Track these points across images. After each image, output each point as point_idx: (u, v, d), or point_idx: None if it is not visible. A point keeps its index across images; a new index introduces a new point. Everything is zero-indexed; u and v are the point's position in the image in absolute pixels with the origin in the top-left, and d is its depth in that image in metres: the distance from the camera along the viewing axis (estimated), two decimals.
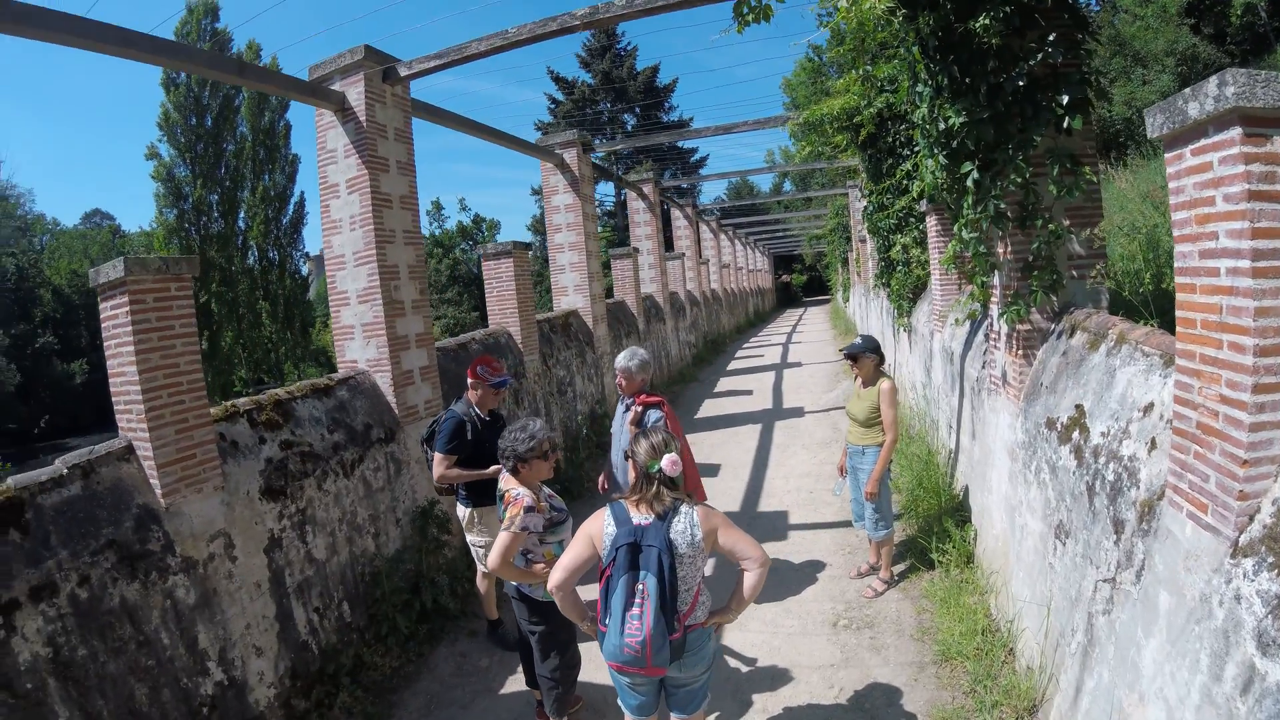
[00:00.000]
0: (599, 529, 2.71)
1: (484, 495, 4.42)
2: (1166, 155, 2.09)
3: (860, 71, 5.13)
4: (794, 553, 5.90)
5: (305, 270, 37.42)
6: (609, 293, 13.32)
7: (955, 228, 3.87)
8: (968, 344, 5.46)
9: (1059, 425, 3.11)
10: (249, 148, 30.57)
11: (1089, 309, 3.55)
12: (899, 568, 5.20)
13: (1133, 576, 2.29)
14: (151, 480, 3.60)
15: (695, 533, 2.63)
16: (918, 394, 8.12)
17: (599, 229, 14.75)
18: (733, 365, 17.93)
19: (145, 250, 31.67)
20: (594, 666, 4.00)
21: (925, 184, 3.98)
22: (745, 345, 22.98)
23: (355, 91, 5.61)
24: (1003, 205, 3.56)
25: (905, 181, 7.35)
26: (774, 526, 6.50)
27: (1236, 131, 1.78)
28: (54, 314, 37.73)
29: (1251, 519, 1.82)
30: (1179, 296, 2.08)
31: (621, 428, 4.81)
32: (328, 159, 5.76)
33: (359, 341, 5.80)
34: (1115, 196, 7.75)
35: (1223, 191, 1.85)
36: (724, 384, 14.95)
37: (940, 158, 3.71)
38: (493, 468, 4.35)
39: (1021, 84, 3.33)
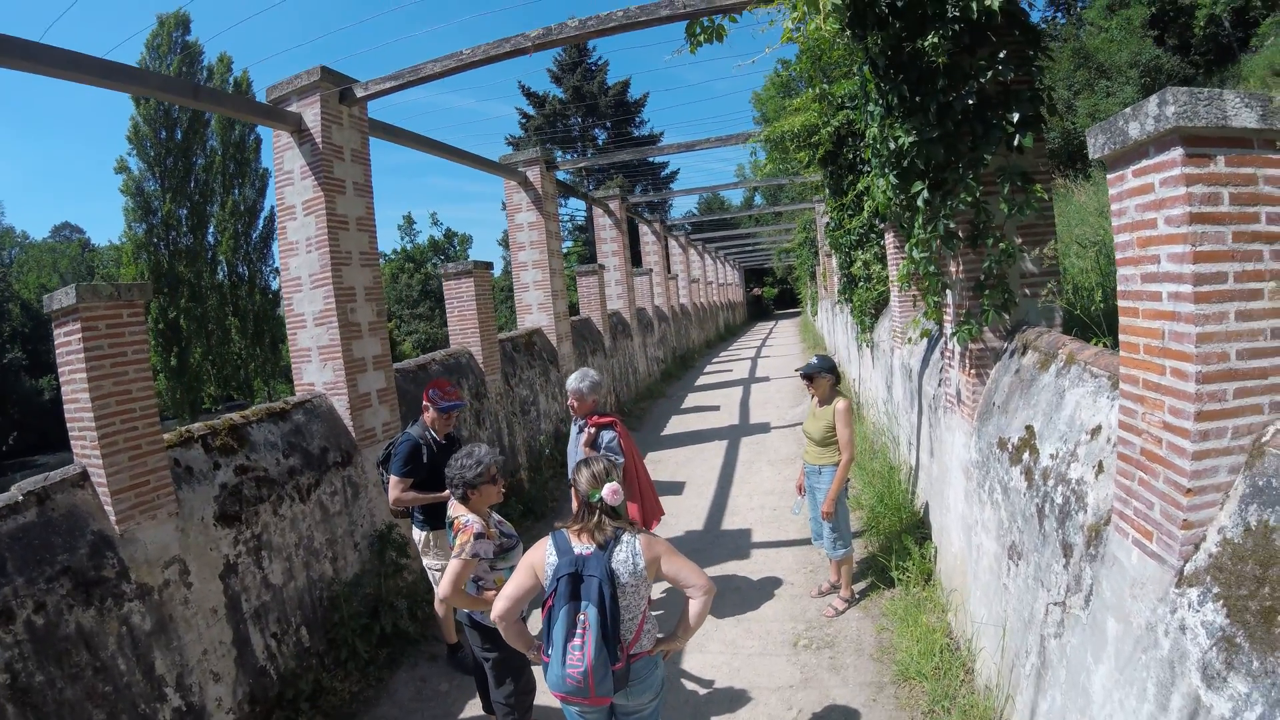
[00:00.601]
0: (541, 559, 2.70)
1: (440, 518, 4.39)
2: (1109, 176, 2.07)
3: (817, 90, 5.17)
4: (756, 571, 5.87)
5: (276, 286, 37.00)
6: (574, 310, 13.28)
7: (906, 247, 3.88)
8: (925, 361, 5.50)
9: (1010, 446, 3.11)
10: (219, 162, 30.31)
11: (1041, 327, 3.58)
12: (860, 585, 5.19)
13: (1081, 601, 2.28)
14: (106, 507, 3.60)
15: (638, 561, 2.62)
16: (880, 410, 8.17)
17: (571, 244, 14.71)
18: (701, 381, 17.94)
19: (115, 264, 30.97)
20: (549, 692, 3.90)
21: (877, 203, 3.99)
22: (714, 360, 23.04)
23: (311, 113, 5.55)
24: (953, 225, 3.58)
25: (863, 199, 7.43)
26: (737, 545, 6.47)
27: (1178, 152, 1.75)
28: (22, 329, 36.98)
29: (1197, 548, 1.80)
30: (1121, 320, 2.07)
31: (576, 449, 4.81)
32: (284, 180, 5.70)
33: (315, 364, 5.72)
34: (1075, 210, 7.90)
35: (1164, 214, 1.82)
36: (692, 399, 14.94)
37: (891, 177, 3.73)
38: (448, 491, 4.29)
39: (971, 102, 3.35)
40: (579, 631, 2.53)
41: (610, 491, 2.66)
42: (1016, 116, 3.33)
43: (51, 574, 3.27)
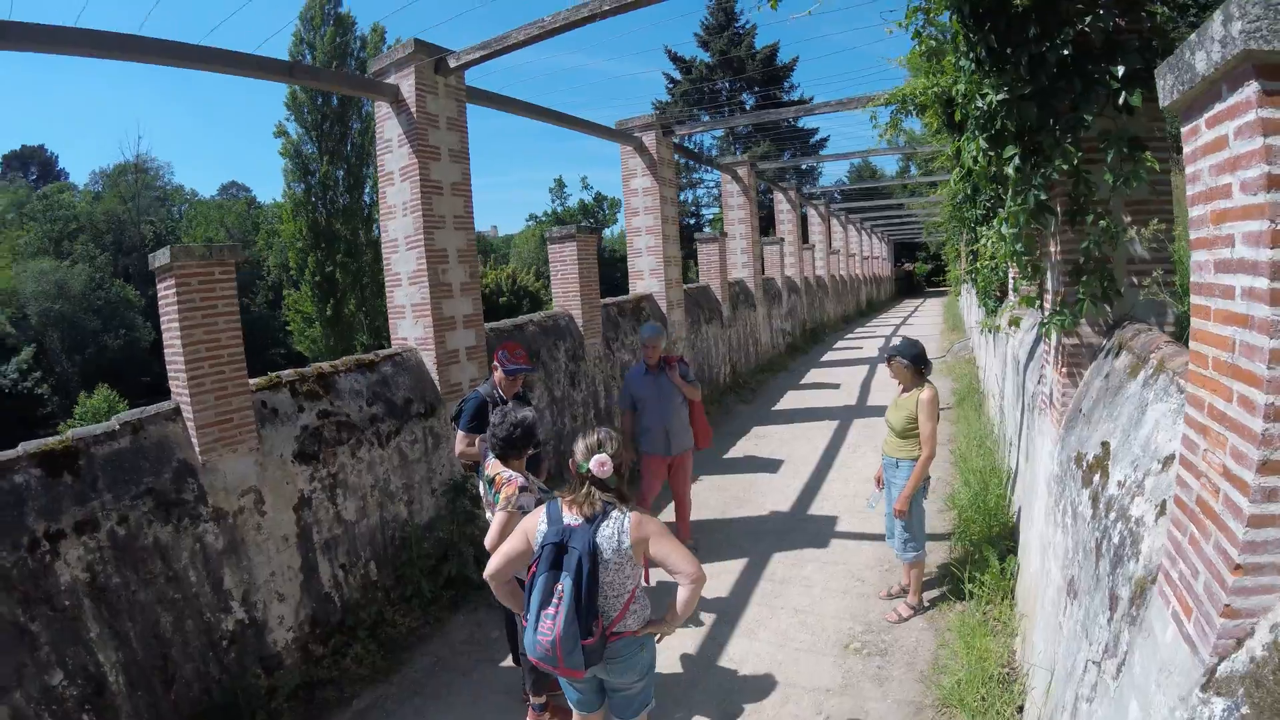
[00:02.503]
0: (533, 525, 2.71)
1: None
2: (1182, 131, 1.59)
3: (924, 47, 4.60)
4: (829, 562, 5.54)
5: None
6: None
7: (995, 222, 3.38)
8: (1030, 353, 4.90)
9: (1085, 463, 2.65)
10: (374, 126, 31.54)
11: (1145, 325, 3.01)
12: (932, 593, 4.76)
13: (1114, 669, 1.88)
14: (192, 439, 4.00)
15: (623, 539, 2.59)
16: (994, 404, 7.46)
17: (715, 212, 14.39)
18: (828, 356, 17.24)
19: (277, 221, 33.40)
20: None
21: (967, 169, 3.50)
22: (848, 335, 22.08)
23: (407, 84, 5.73)
24: (1044, 197, 3.06)
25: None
26: (818, 532, 6.14)
27: (1252, 89, 1.26)
28: None
29: (1239, 644, 1.36)
30: (1193, 323, 1.62)
31: (658, 389, 5.65)
32: (384, 148, 5.95)
33: (409, 321, 5.97)
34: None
35: (1239, 177, 1.34)
36: (813, 375, 14.39)
37: (981, 140, 3.24)
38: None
39: (1067, 53, 2.81)
40: (554, 601, 2.54)
41: (597, 464, 2.63)
42: (1122, 70, 2.77)
43: (137, 493, 3.67)
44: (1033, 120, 3.01)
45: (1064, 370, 3.33)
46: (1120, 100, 2.80)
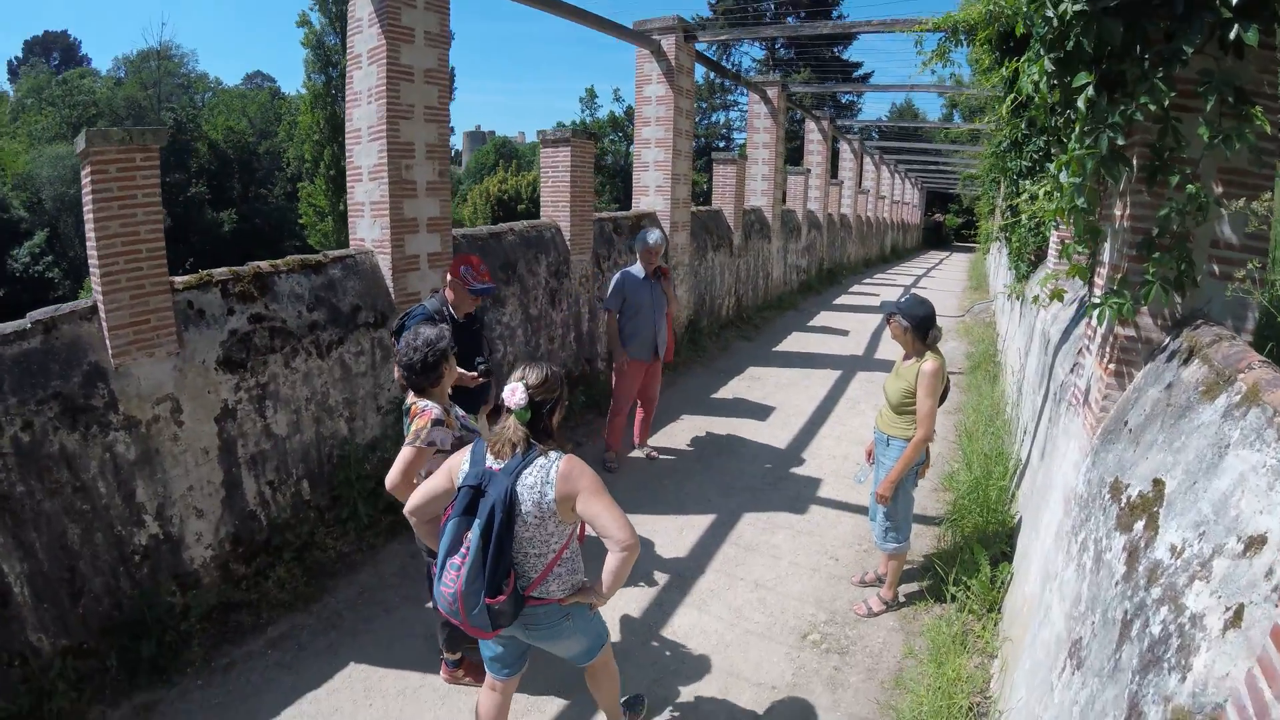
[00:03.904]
0: (458, 464, 2.46)
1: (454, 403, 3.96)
2: None
3: None
4: (803, 531, 5.05)
5: (459, 146, 38.14)
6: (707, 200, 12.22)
7: (1054, 165, 2.66)
8: (1065, 334, 4.22)
9: (1124, 499, 2.05)
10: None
11: (1223, 328, 2.34)
12: (911, 587, 4.26)
13: None
14: (106, 341, 3.67)
15: (546, 491, 2.29)
16: (1012, 379, 6.81)
17: (742, 140, 13.37)
18: (841, 300, 16.45)
19: (299, 113, 32.54)
20: None
21: (1022, 95, 2.77)
22: (865, 280, 21.17)
23: None
24: (1122, 141, 2.36)
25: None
26: (797, 495, 5.62)
27: None
28: (208, 166, 39.88)
29: None
30: None
31: (652, 296, 5.84)
32: (355, 28, 5.19)
33: (367, 220, 5.35)
34: None
35: None
36: (822, 318, 13.69)
37: (1046, 61, 2.50)
38: (466, 373, 3.99)
39: None
40: (462, 550, 2.29)
41: (509, 392, 2.35)
42: None
43: (43, 397, 3.39)
44: (1116, 43, 2.28)
45: (1110, 367, 2.68)
46: (1231, 35, 2.07)
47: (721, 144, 38.70)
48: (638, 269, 5.87)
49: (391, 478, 2.88)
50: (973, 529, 4.43)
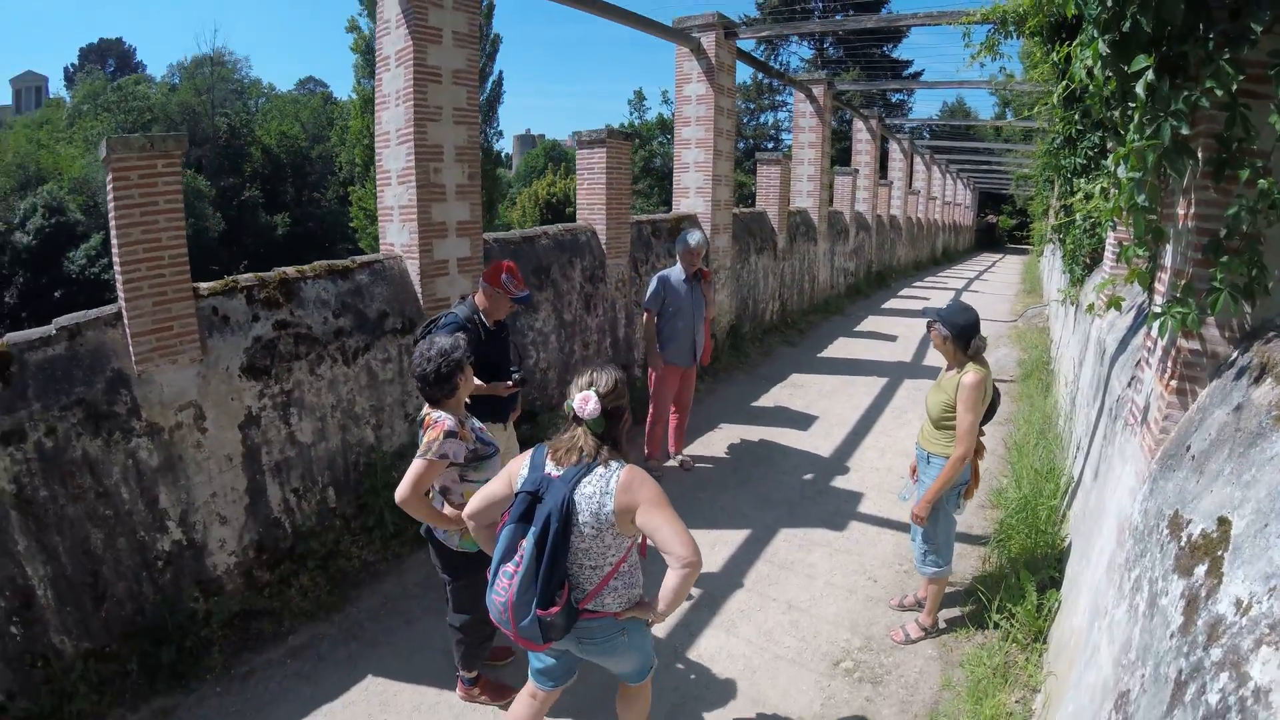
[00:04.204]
0: (517, 469, 2.38)
1: (483, 413, 3.94)
2: None
3: None
4: (841, 550, 4.82)
5: (498, 147, 38.64)
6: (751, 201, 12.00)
7: (1110, 158, 2.41)
8: (1123, 344, 3.91)
9: (1184, 537, 1.81)
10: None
11: None
12: (952, 612, 4.00)
13: None
14: (129, 347, 3.67)
15: (605, 502, 2.20)
16: (1066, 389, 6.44)
17: (791, 140, 13.05)
18: (890, 304, 16.01)
19: (351, 117, 33.31)
20: None
21: (1076, 83, 2.53)
22: (915, 284, 20.60)
23: None
24: (1187, 131, 2.11)
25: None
26: (836, 510, 5.39)
27: None
28: (262, 170, 41.01)
29: None
30: None
31: (692, 299, 5.75)
32: (383, 30, 5.16)
33: (396, 224, 5.31)
34: None
35: None
36: (870, 323, 13.31)
37: (1101, 44, 2.27)
38: (500, 383, 4.00)
39: None
40: (515, 559, 2.22)
41: (580, 401, 2.25)
42: None
43: (67, 403, 3.41)
44: (1178, 21, 2.05)
45: (1171, 384, 2.43)
46: None
47: (770, 145, 38.24)
48: (678, 271, 5.79)
49: (401, 491, 2.80)
50: (1020, 551, 4.16)
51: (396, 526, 4.72)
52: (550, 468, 2.28)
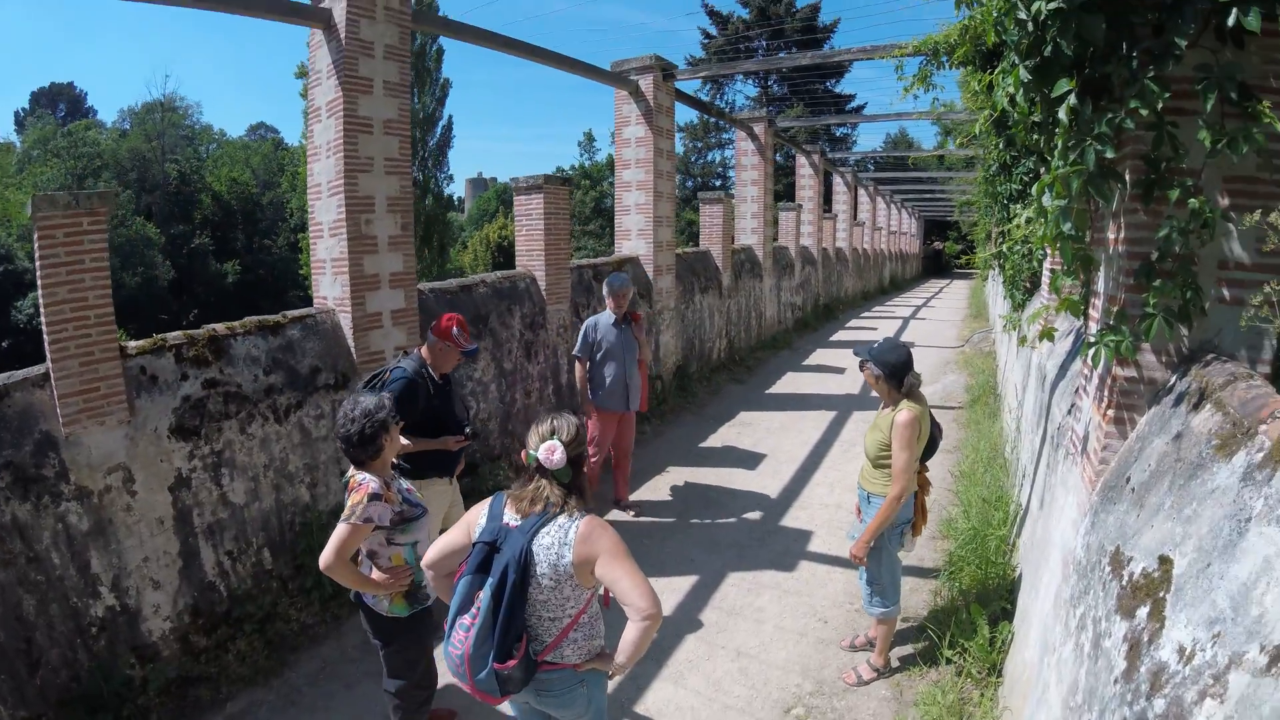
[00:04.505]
0: (475, 518, 2.33)
1: (430, 467, 3.96)
2: None
3: None
4: (791, 591, 4.71)
5: (460, 193, 38.87)
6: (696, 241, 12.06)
7: (1035, 188, 2.41)
8: (1062, 370, 3.93)
9: (1126, 576, 1.76)
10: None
11: (1239, 365, 2.06)
12: (905, 650, 3.91)
13: None
14: (56, 409, 3.62)
15: (563, 553, 2.14)
16: (1011, 416, 6.50)
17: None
18: (838, 335, 16.20)
19: (299, 162, 33.11)
20: None
21: (998, 109, 2.54)
22: (864, 314, 20.94)
23: (340, 6, 4.83)
24: (1111, 154, 2.11)
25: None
26: (786, 550, 5.29)
27: None
28: (212, 217, 40.48)
29: None
30: None
31: (623, 343, 5.67)
32: (315, 80, 5.11)
33: (329, 277, 5.18)
34: None
35: None
36: (818, 356, 13.41)
37: (1022, 70, 2.27)
38: (449, 437, 3.96)
39: None
40: (473, 609, 2.16)
41: (546, 451, 2.20)
42: None
43: None
44: (1099, 42, 2.05)
45: (1109, 412, 2.40)
46: (1230, 22, 1.83)
47: (717, 182, 38.97)
48: (607, 315, 5.74)
49: (326, 557, 2.69)
50: (971, 583, 4.11)
51: (335, 588, 4.56)
52: (509, 517, 2.24)
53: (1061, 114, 2.18)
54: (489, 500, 2.35)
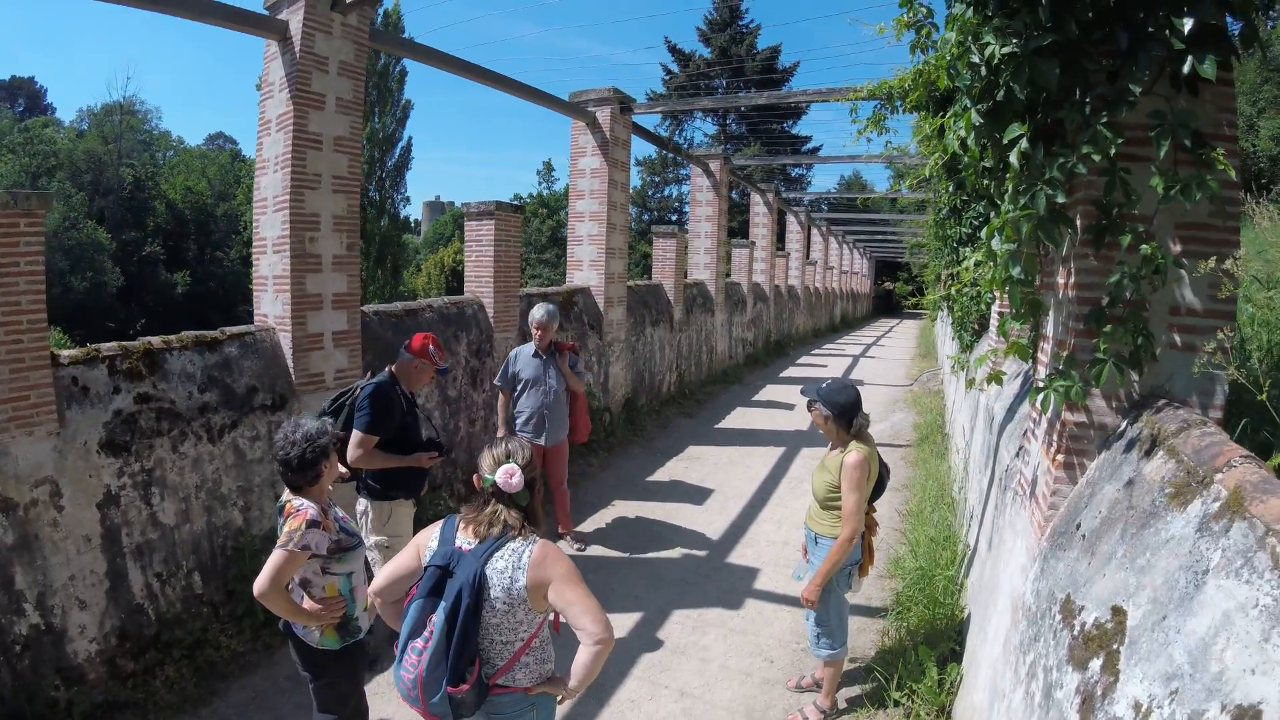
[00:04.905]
0: (425, 541, 2.33)
1: (398, 487, 3.98)
2: None
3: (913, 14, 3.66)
4: (737, 629, 4.62)
5: (405, 212, 38.88)
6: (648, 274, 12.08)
7: (985, 231, 2.41)
8: (1010, 412, 3.98)
9: (1078, 626, 1.73)
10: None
11: (1190, 411, 2.07)
12: (850, 691, 3.85)
13: None
14: None
15: (517, 577, 2.16)
16: (958, 456, 6.58)
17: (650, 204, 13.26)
18: (788, 372, 16.33)
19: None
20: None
21: (949, 153, 2.56)
22: (814, 351, 21.22)
23: (296, 20, 4.75)
24: (1063, 199, 2.12)
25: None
26: (732, 587, 5.20)
27: None
28: (165, 225, 39.64)
29: None
30: None
31: (539, 372, 5.58)
32: (267, 93, 4.99)
33: (270, 294, 5.01)
34: (1251, 240, 5.81)
35: None
36: (768, 392, 13.47)
37: (974, 113, 2.28)
38: (422, 454, 3.96)
39: None
40: (425, 633, 2.15)
41: (504, 475, 2.21)
42: (1190, 26, 1.85)
43: None
44: (1053, 86, 2.06)
45: (1058, 458, 2.40)
46: (1185, 69, 1.87)
47: (674, 217, 39.38)
48: (529, 346, 5.70)
49: (260, 583, 2.61)
50: (919, 623, 4.08)
51: (267, 616, 4.39)
52: (461, 541, 2.24)
53: (1013, 158, 2.19)
54: (439, 524, 2.35)
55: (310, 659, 2.89)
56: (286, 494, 2.83)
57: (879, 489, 3.55)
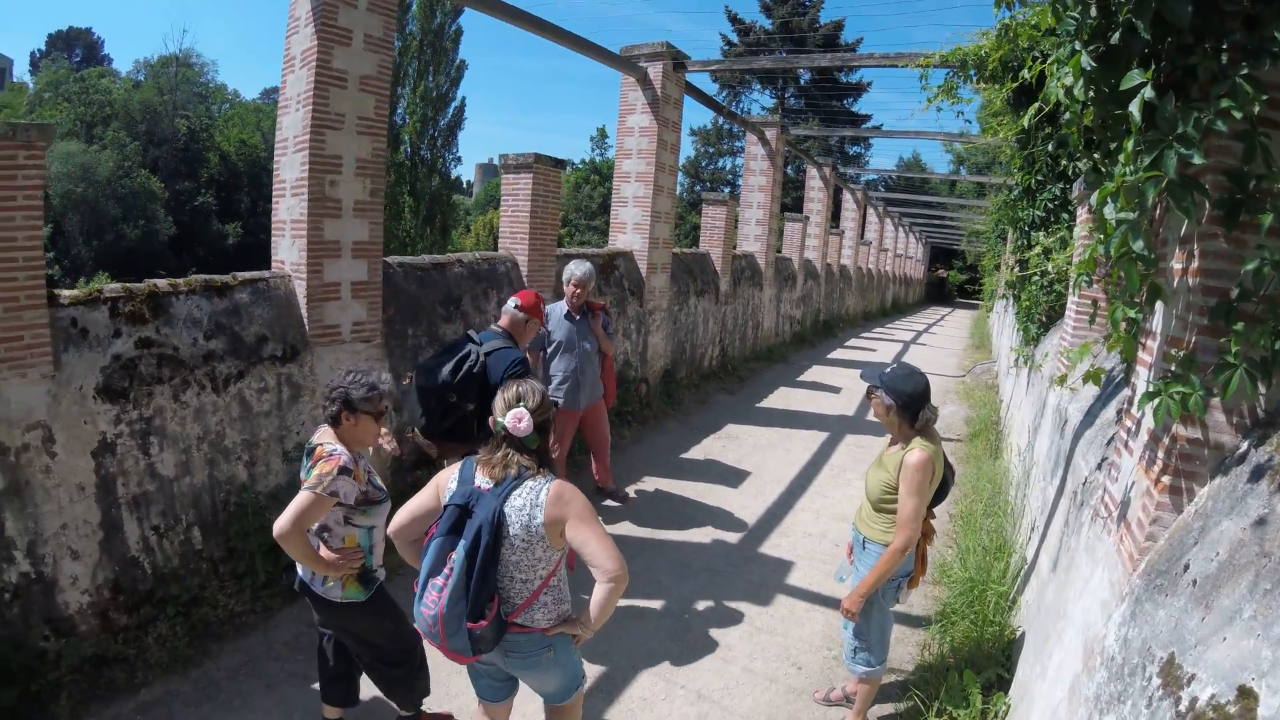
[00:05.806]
0: (445, 481, 2.40)
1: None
2: None
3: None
4: (765, 628, 4.29)
5: (456, 172, 39.28)
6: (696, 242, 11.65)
7: (1096, 197, 1.96)
8: (1090, 415, 3.50)
9: (1185, 699, 1.33)
10: (415, 46, 32.15)
11: None
12: (883, 709, 3.49)
13: None
14: None
15: (535, 514, 2.22)
16: (1016, 456, 6.08)
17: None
18: (835, 354, 15.78)
19: None
20: None
21: (1050, 103, 2.13)
22: (863, 335, 20.53)
23: None
24: (1199, 160, 1.68)
25: (1059, 156, 5.14)
26: (762, 581, 4.86)
27: None
28: (219, 177, 40.56)
29: None
30: None
31: (578, 335, 5.44)
32: (292, 29, 4.70)
33: (287, 240, 4.76)
34: None
35: None
36: (813, 373, 12.99)
37: (1084, 57, 1.85)
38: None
39: None
40: (445, 571, 2.21)
41: (513, 419, 2.25)
42: None
43: None
44: (1184, 25, 1.63)
45: (1164, 479, 1.97)
46: None
47: (726, 189, 38.65)
48: (560, 306, 5.53)
49: (282, 524, 2.54)
50: (963, 639, 3.70)
51: (269, 575, 4.27)
52: (480, 480, 2.30)
53: (1134, 109, 1.75)
54: (458, 465, 2.40)
55: (336, 614, 2.86)
56: (318, 436, 2.80)
57: (941, 493, 3.11)
